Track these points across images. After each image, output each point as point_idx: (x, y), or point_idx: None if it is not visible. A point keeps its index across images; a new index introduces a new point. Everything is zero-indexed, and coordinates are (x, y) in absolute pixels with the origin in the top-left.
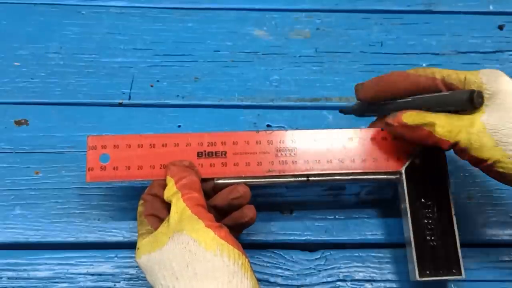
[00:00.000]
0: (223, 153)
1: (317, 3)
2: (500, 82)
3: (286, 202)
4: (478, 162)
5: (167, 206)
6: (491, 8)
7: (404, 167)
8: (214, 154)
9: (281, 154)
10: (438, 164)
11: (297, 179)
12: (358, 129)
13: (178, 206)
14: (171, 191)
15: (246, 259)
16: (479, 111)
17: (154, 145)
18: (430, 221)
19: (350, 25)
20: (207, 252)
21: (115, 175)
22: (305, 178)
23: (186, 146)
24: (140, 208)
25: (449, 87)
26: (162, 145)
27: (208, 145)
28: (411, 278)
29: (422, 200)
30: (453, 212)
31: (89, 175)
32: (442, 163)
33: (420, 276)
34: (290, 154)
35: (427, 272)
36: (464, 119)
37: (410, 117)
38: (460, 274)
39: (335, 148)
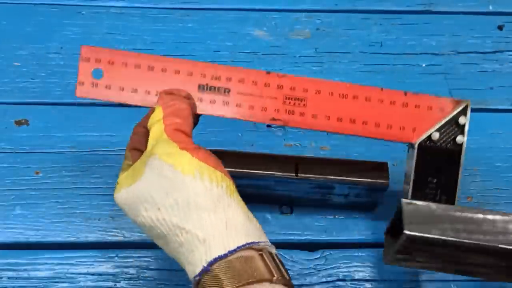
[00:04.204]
0: (227, 90)
1: (317, 3)
2: None
3: (284, 196)
4: None
5: None
6: (490, 8)
7: (418, 141)
8: (216, 89)
9: (289, 102)
10: (455, 146)
11: (285, 174)
12: (379, 89)
13: (156, 131)
14: (155, 119)
15: (231, 181)
16: None
17: (153, 68)
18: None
19: (350, 25)
20: (185, 177)
21: (107, 94)
22: (294, 174)
23: (188, 75)
24: (128, 141)
25: None
26: (162, 70)
27: (211, 78)
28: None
29: (428, 179)
30: (456, 198)
31: (79, 90)
32: (459, 147)
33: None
34: (299, 104)
35: None
36: None
37: None
38: None
39: (348, 106)
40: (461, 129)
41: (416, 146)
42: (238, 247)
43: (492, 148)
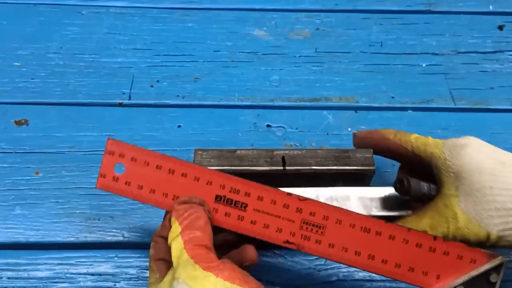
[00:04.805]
0: (244, 205)
1: (317, 3)
2: (462, 156)
3: None
4: (480, 245)
5: None
6: (491, 8)
7: None
8: (233, 203)
9: (306, 228)
10: None
11: (273, 168)
12: (406, 229)
13: (177, 249)
14: (173, 235)
15: None
16: (452, 195)
17: (174, 171)
18: None
19: (350, 25)
20: None
21: (126, 190)
22: (282, 168)
23: (207, 184)
24: (150, 251)
25: (418, 159)
26: (182, 175)
27: (230, 191)
28: None
29: None
30: None
31: (99, 182)
32: None
33: None
34: (317, 232)
35: None
36: (446, 212)
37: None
38: None
39: (369, 241)
40: (490, 287)
41: None
42: None
43: None
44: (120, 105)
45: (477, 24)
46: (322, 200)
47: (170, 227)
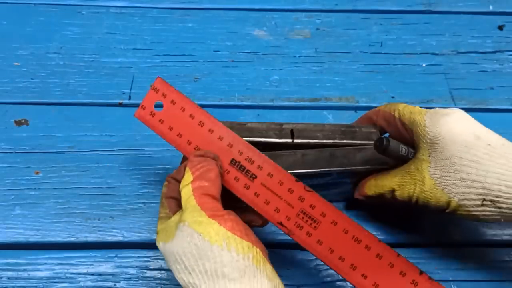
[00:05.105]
0: (254, 176)
1: (317, 3)
2: (441, 125)
3: None
4: (439, 212)
5: None
6: (491, 8)
7: None
8: (245, 171)
9: (303, 217)
10: None
11: (282, 140)
12: (396, 254)
13: (186, 194)
14: (185, 182)
15: (258, 250)
16: (424, 160)
17: (203, 124)
18: None
19: (350, 25)
20: (213, 246)
21: (158, 127)
22: (290, 140)
23: (228, 145)
24: (163, 189)
25: (403, 125)
26: (209, 130)
27: (246, 159)
28: None
29: None
30: None
31: (138, 112)
32: None
33: None
34: (311, 225)
35: None
36: (416, 175)
37: (371, 189)
38: None
39: (356, 251)
40: None
41: None
42: None
43: None
44: (120, 105)
45: (477, 24)
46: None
47: (184, 174)
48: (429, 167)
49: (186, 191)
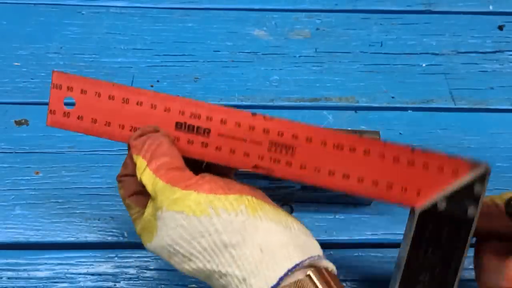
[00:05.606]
0: (207, 131)
1: (317, 3)
2: None
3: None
4: None
5: None
6: (491, 8)
7: (421, 208)
8: (195, 129)
9: (275, 150)
10: (464, 220)
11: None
12: (382, 143)
13: (149, 180)
14: (141, 169)
15: (249, 196)
16: None
17: (128, 100)
18: (426, 278)
19: (350, 25)
20: (201, 218)
21: (79, 125)
22: None
23: (165, 111)
24: (120, 192)
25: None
26: (137, 103)
27: (190, 116)
28: None
29: (427, 252)
30: (456, 281)
31: (50, 118)
32: (469, 222)
33: None
34: (286, 153)
35: None
36: None
37: None
38: None
39: (342, 159)
40: (474, 199)
41: (416, 214)
42: (280, 278)
43: (492, 148)
44: None
45: (477, 24)
46: None
47: (134, 164)
48: None
49: (148, 177)
